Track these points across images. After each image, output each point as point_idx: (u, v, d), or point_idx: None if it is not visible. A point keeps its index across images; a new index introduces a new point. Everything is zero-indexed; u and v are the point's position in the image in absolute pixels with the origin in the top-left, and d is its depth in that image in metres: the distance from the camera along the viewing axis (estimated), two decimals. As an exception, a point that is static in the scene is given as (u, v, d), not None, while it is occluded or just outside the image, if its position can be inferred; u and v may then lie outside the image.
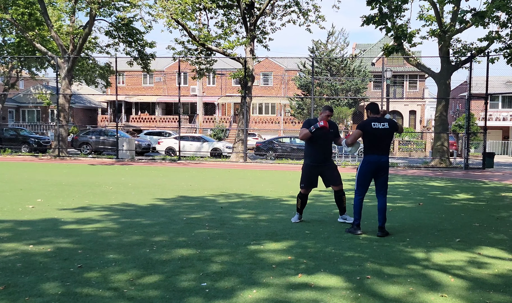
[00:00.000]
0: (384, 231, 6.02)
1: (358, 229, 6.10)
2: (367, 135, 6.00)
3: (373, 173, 6.08)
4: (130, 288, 3.90)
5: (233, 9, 22.66)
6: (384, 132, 5.99)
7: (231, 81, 40.69)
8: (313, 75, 24.29)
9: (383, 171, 6.05)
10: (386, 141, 6.03)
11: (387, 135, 6.02)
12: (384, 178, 6.10)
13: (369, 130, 5.97)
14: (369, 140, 6.01)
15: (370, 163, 6.03)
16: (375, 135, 5.95)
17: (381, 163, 6.01)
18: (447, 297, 3.81)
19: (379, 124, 5.98)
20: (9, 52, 28.47)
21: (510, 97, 37.52)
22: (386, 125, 5.99)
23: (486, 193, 11.14)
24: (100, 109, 44.31)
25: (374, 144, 5.99)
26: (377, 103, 6.44)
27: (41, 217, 6.95)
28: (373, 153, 6.01)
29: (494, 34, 19.64)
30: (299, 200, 6.88)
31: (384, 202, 6.09)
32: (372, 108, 6.19)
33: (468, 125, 20.59)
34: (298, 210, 6.95)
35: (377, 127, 5.95)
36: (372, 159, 6.01)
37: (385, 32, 19.67)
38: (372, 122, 5.99)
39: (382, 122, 6.00)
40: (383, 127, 5.97)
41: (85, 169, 16.63)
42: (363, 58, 39.07)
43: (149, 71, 25.93)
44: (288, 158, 23.42)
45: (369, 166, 6.04)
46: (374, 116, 6.11)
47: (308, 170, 6.75)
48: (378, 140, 5.97)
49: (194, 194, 9.98)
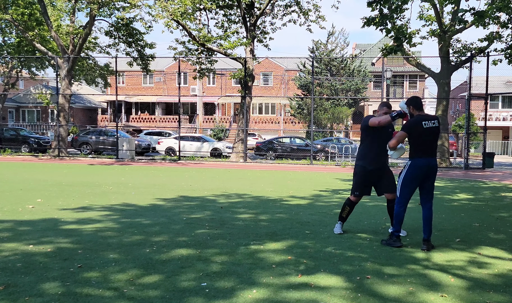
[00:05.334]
0: (429, 244, 5.32)
1: (398, 241, 5.45)
2: (416, 135, 5.25)
3: (421, 179, 5.34)
4: (130, 288, 3.90)
5: (233, 9, 22.66)
6: (435, 131, 5.28)
7: (231, 81, 40.67)
8: (313, 75, 24.30)
9: (433, 176, 5.36)
10: (435, 141, 5.35)
11: (436, 134, 5.32)
12: (431, 183, 5.40)
13: (420, 131, 5.23)
14: (418, 141, 5.26)
15: (419, 168, 5.30)
16: (425, 135, 5.24)
17: (432, 167, 5.32)
18: (447, 297, 3.81)
19: (429, 123, 5.24)
20: (9, 52, 28.45)
21: (510, 97, 37.52)
22: (436, 123, 5.29)
23: (486, 193, 11.14)
24: (100, 109, 44.30)
25: (423, 146, 5.26)
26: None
27: (41, 217, 6.95)
28: (421, 156, 5.29)
29: (495, 34, 19.64)
30: (346, 208, 6.00)
31: (431, 211, 5.38)
32: (415, 103, 5.36)
33: (468, 125, 20.60)
34: (341, 218, 6.12)
35: (428, 126, 5.22)
36: (421, 162, 5.29)
37: (385, 33, 19.67)
38: (422, 121, 5.23)
39: (432, 120, 5.27)
40: (433, 126, 5.24)
41: (85, 169, 16.63)
42: (363, 58, 39.08)
43: (149, 72, 25.93)
44: (288, 158, 23.43)
45: (418, 171, 5.31)
46: (420, 114, 5.32)
47: (364, 174, 5.80)
48: (427, 141, 5.27)
49: (194, 194, 9.98)
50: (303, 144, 24.81)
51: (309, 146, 23.42)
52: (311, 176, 15.32)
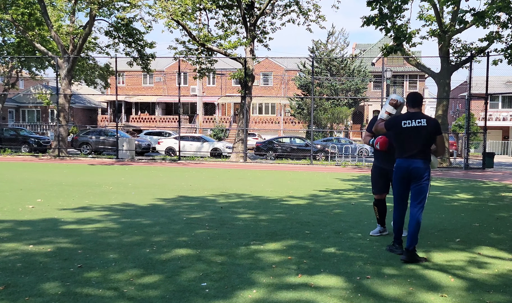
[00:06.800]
0: (409, 254, 4.79)
1: (399, 248, 5.13)
2: (394, 134, 5.08)
3: (406, 181, 5.00)
4: (130, 288, 3.90)
5: (233, 9, 22.67)
6: (419, 131, 4.88)
7: (231, 81, 40.67)
8: (313, 75, 24.30)
9: (418, 179, 4.90)
10: (421, 142, 4.88)
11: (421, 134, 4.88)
12: (419, 188, 4.92)
13: (398, 130, 4.98)
14: (398, 140, 5.03)
15: (398, 169, 5.04)
16: (405, 135, 4.94)
17: (412, 169, 4.89)
18: (447, 297, 3.81)
19: (413, 122, 4.89)
20: (9, 52, 28.45)
21: (510, 97, 37.53)
22: (424, 122, 4.85)
23: (486, 193, 11.14)
24: (100, 109, 44.29)
25: (402, 146, 4.97)
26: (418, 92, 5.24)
27: (41, 217, 6.95)
28: (400, 156, 5.02)
29: (495, 34, 19.64)
30: (375, 208, 6.10)
31: (415, 219, 4.88)
32: (409, 99, 5.08)
33: (468, 125, 20.60)
34: (378, 221, 6.11)
35: (408, 126, 4.89)
36: (400, 163, 5.00)
37: (385, 32, 19.67)
38: (402, 120, 4.96)
39: (417, 119, 4.89)
40: (417, 125, 4.87)
41: (85, 169, 16.63)
42: (363, 58, 39.07)
43: (149, 71, 25.94)
44: (288, 158, 23.44)
45: (398, 172, 5.04)
46: (409, 111, 5.04)
47: (375, 172, 6.03)
48: (408, 141, 4.91)
49: (194, 194, 9.98)
50: (303, 144, 24.81)
51: (309, 146, 23.42)
52: (311, 176, 15.32)
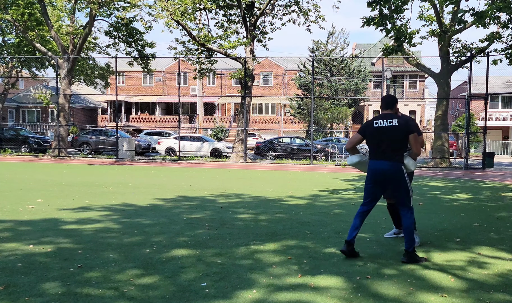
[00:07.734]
0: (409, 255, 4.73)
1: None
2: (369, 136, 4.93)
3: (379, 183, 4.88)
4: (130, 288, 3.90)
5: (233, 9, 22.67)
6: (391, 131, 4.75)
7: (231, 81, 40.68)
8: (313, 75, 24.30)
9: (392, 182, 4.81)
10: (394, 142, 4.77)
11: (393, 135, 4.76)
12: (396, 190, 4.87)
13: (371, 130, 4.88)
14: (372, 142, 4.91)
15: (370, 170, 4.94)
16: (377, 135, 4.82)
17: (385, 171, 4.79)
18: (447, 297, 3.81)
19: (384, 122, 4.79)
20: (9, 52, 28.46)
21: (510, 97, 37.53)
22: (395, 122, 4.74)
23: (486, 193, 11.14)
24: (100, 109, 44.30)
25: (375, 147, 4.87)
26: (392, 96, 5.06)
27: (41, 217, 6.95)
28: (373, 158, 4.93)
29: (495, 34, 19.64)
30: (388, 211, 5.94)
31: (406, 219, 4.82)
32: (381, 102, 4.99)
33: (468, 125, 20.59)
34: (394, 224, 6.03)
35: (379, 126, 4.79)
36: (372, 165, 4.91)
37: (385, 33, 19.68)
38: (375, 120, 4.87)
39: (389, 119, 4.79)
40: (389, 125, 4.75)
41: (85, 169, 16.63)
42: (363, 58, 39.09)
43: (149, 71, 25.94)
44: (288, 158, 23.44)
45: (369, 174, 4.95)
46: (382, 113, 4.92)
47: None
48: (380, 142, 4.81)
49: (194, 194, 9.98)
50: (303, 144, 24.81)
51: (309, 146, 23.42)
52: (311, 176, 15.32)
